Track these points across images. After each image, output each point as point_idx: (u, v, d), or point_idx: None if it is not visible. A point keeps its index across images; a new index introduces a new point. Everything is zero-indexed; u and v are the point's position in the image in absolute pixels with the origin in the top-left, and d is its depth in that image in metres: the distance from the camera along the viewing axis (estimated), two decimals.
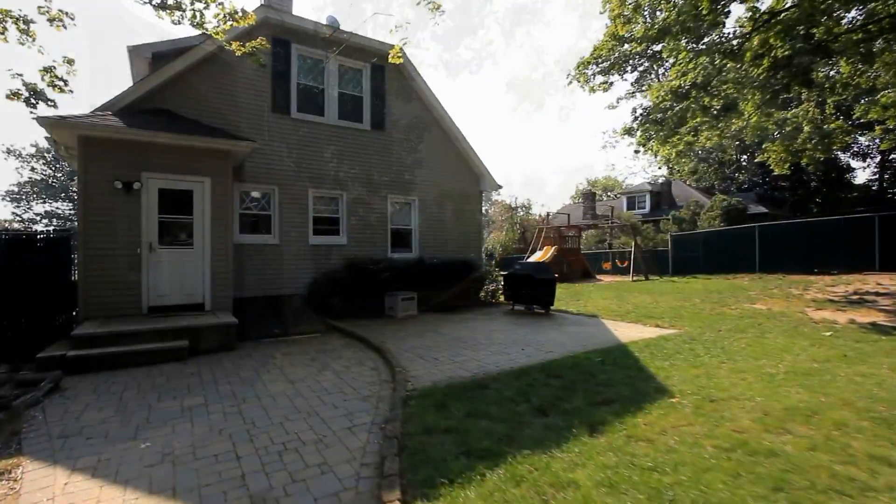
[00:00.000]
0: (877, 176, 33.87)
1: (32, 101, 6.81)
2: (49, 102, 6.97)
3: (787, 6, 9.66)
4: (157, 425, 3.81)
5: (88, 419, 3.95)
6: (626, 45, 12.22)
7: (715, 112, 10.62)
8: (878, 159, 33.14)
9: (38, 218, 36.97)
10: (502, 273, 12.62)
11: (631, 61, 12.25)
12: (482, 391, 4.57)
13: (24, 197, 37.27)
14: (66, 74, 7.31)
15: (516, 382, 4.87)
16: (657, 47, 12.06)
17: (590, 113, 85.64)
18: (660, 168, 39.33)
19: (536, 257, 18.78)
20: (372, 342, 6.83)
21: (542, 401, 4.26)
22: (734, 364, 5.47)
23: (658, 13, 10.76)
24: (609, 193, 47.10)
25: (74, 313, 6.90)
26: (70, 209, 36.35)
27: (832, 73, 13.30)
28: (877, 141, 27.70)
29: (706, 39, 10.29)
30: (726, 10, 9.71)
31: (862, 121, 19.74)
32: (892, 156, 32.58)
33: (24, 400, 4.17)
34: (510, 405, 4.16)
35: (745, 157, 36.65)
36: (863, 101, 14.32)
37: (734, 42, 9.80)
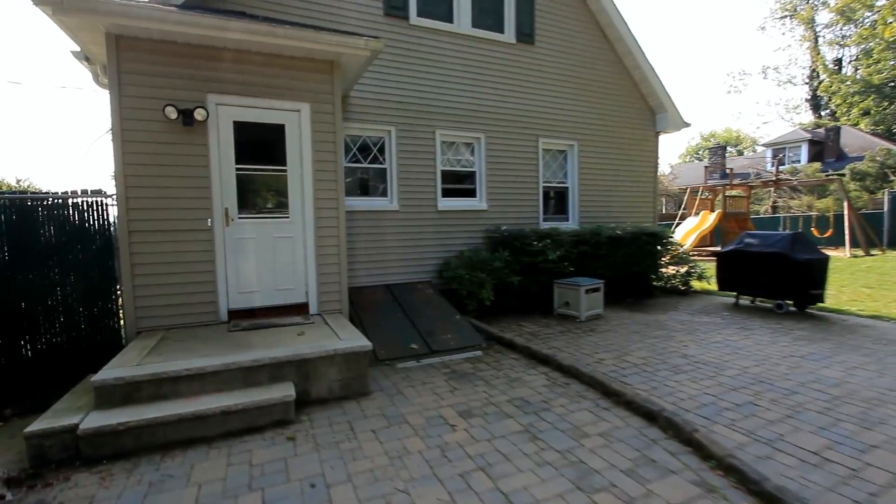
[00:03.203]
0: None
1: None
2: None
3: None
4: None
5: None
6: None
7: None
8: None
9: None
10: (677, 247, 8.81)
11: None
12: None
13: None
14: None
15: None
16: None
17: (701, 56, 73.84)
18: (837, 111, 31.15)
19: (692, 226, 14.51)
20: (613, 388, 3.61)
21: None
22: None
23: None
24: (731, 149, 39.63)
25: (122, 322, 4.45)
26: None
27: None
28: None
29: None
30: None
31: None
32: None
33: None
34: None
35: None
36: None
37: None
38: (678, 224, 15.71)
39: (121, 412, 2.93)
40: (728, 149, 40.48)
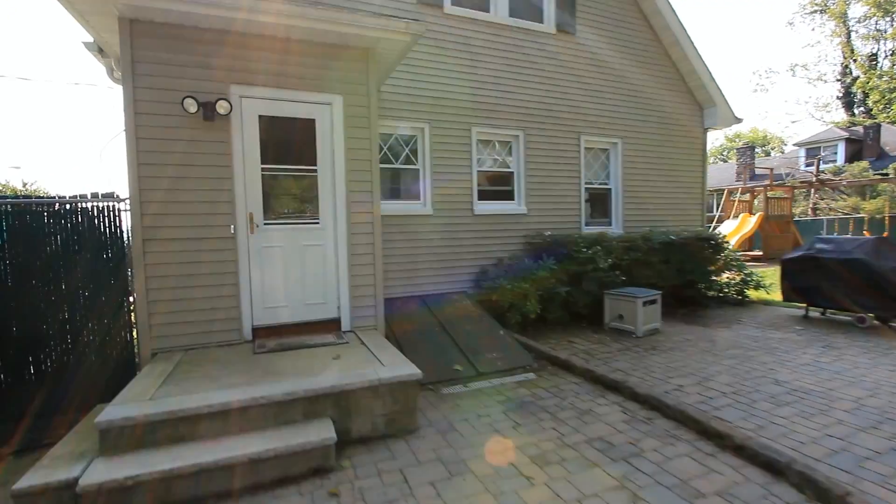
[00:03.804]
0: None
1: None
2: None
3: None
4: None
5: None
6: None
7: None
8: None
9: None
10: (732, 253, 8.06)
11: None
12: None
13: None
14: None
15: None
16: None
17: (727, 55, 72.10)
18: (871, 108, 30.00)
19: (732, 229, 13.70)
20: (714, 428, 2.99)
21: None
22: None
23: None
24: (758, 149, 38.31)
25: (136, 339, 3.98)
26: None
27: None
28: None
29: None
30: None
31: None
32: None
33: None
34: None
35: None
36: None
37: None
38: (715, 227, 14.87)
39: (130, 461, 2.41)
40: (755, 149, 39.18)
